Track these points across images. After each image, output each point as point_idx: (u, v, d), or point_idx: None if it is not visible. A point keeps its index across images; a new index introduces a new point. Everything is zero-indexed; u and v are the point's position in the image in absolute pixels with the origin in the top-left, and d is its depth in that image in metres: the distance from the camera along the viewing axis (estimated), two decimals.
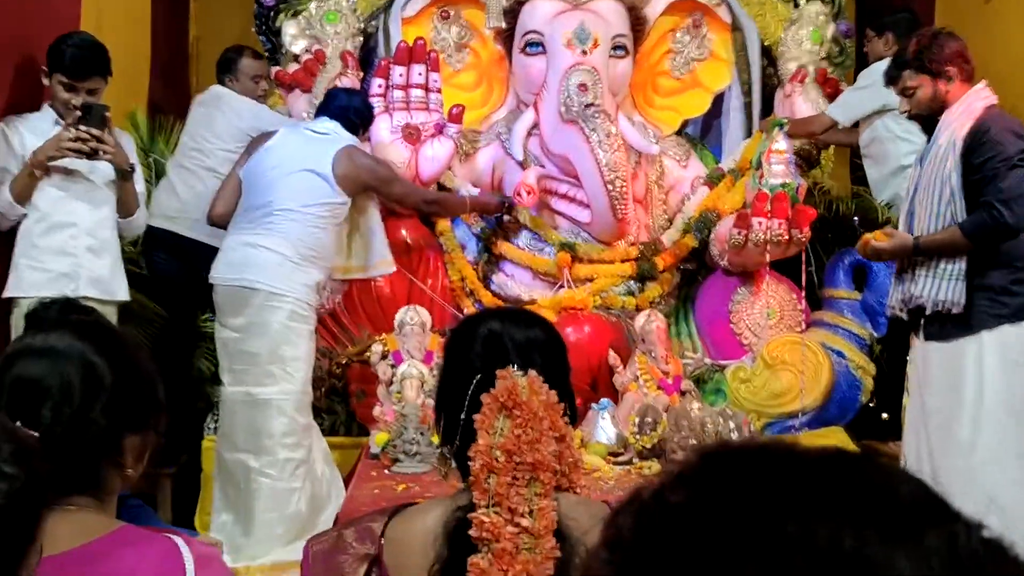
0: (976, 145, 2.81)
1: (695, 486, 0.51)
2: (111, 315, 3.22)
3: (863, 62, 4.76)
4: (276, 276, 3.17)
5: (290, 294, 3.19)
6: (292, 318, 3.20)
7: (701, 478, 0.51)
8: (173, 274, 3.91)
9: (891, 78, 3.05)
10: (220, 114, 3.95)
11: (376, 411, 3.50)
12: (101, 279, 3.23)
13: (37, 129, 3.17)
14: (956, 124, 2.88)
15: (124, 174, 3.22)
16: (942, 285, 2.89)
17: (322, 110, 3.48)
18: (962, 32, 3.19)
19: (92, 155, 3.05)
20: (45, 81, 3.17)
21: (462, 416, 1.30)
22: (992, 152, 2.78)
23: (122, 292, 3.32)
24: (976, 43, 3.02)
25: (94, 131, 3.02)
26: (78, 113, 3.05)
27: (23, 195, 3.11)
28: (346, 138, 3.35)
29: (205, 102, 4.10)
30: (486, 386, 1.28)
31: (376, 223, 3.56)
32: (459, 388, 1.33)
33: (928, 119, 3.01)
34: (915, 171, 3.04)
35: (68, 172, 3.15)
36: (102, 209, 3.24)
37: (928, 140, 3.02)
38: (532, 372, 1.29)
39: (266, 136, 3.46)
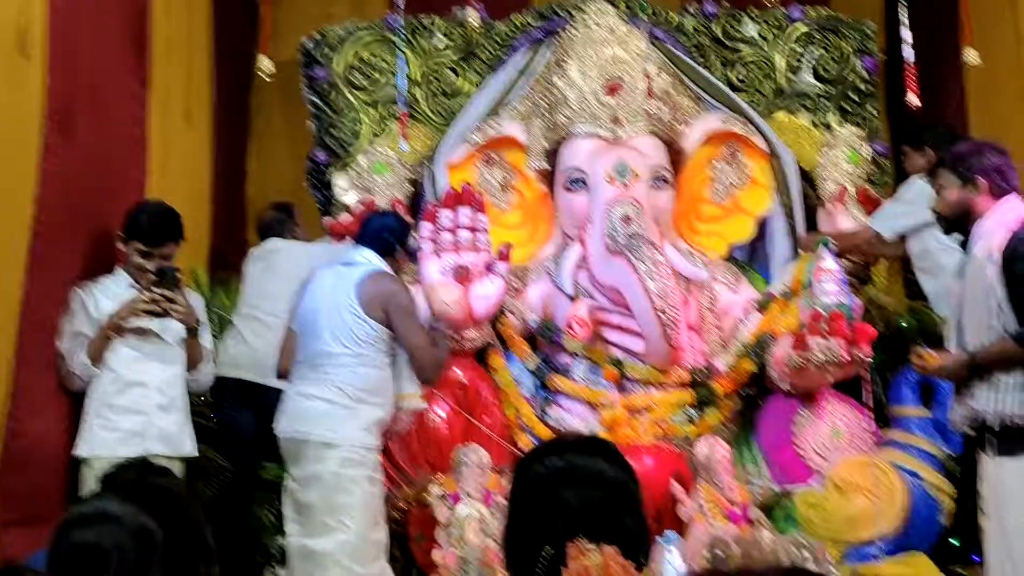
0: (1017, 256, 2.79)
1: None
2: (178, 470, 3.28)
3: (902, 180, 4.80)
4: (326, 425, 3.13)
5: (343, 442, 3.12)
6: (344, 465, 3.11)
7: None
8: (240, 423, 3.95)
9: (932, 174, 3.12)
10: (282, 262, 4.09)
11: (436, 556, 3.42)
12: (170, 436, 3.30)
13: (111, 292, 3.32)
14: (989, 236, 2.88)
15: (192, 331, 3.35)
16: (1005, 398, 2.82)
17: (358, 238, 3.48)
18: (1001, 138, 3.22)
19: (164, 315, 3.19)
20: (121, 246, 3.34)
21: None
22: None
23: (188, 447, 3.38)
24: (1014, 153, 3.06)
25: (167, 293, 3.19)
26: (153, 276, 3.21)
27: (98, 356, 3.23)
28: (376, 264, 3.30)
29: (261, 256, 4.25)
30: (558, 559, 1.22)
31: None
32: (528, 541, 1.29)
33: (953, 224, 3.03)
34: (957, 285, 3.02)
35: (141, 332, 3.29)
36: (173, 366, 3.35)
37: (963, 252, 3.02)
38: (607, 549, 1.22)
39: (308, 281, 3.44)
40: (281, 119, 5.44)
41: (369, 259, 3.30)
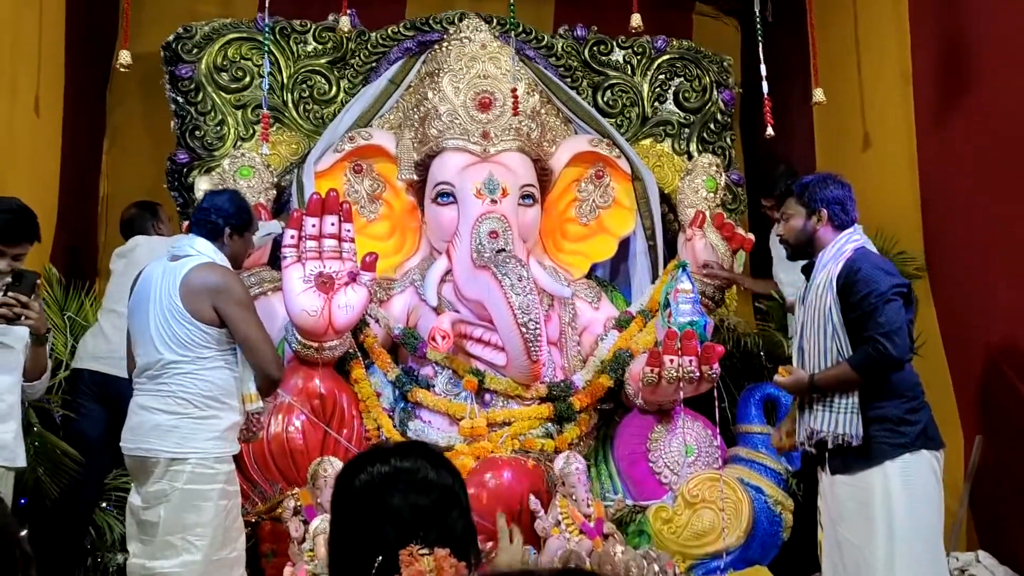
0: (850, 284, 2.97)
1: None
2: (9, 481, 3.07)
3: (755, 207, 5.06)
4: (172, 440, 2.93)
5: (191, 455, 2.92)
6: (192, 480, 2.92)
7: None
8: (87, 422, 3.79)
9: (779, 200, 3.27)
10: (143, 256, 3.93)
11: (287, 572, 3.33)
12: (6, 446, 3.06)
13: None
14: (831, 264, 3.06)
15: (40, 339, 3.15)
16: (839, 419, 2.97)
17: (190, 223, 3.20)
18: (843, 172, 3.43)
19: (13, 320, 2.98)
20: None
21: None
22: (867, 289, 2.95)
23: (22, 459, 3.17)
24: (856, 185, 3.25)
25: (22, 298, 2.97)
26: (8, 279, 3.00)
27: None
28: (204, 255, 3.02)
29: (123, 253, 4.13)
30: (389, 567, 1.20)
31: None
32: (357, 550, 1.26)
33: (795, 250, 3.20)
34: (799, 310, 3.18)
35: None
36: (12, 374, 3.12)
37: (807, 279, 3.19)
38: (439, 551, 1.21)
39: (136, 278, 3.18)
40: (141, 115, 5.21)
41: (200, 249, 3.03)
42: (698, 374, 3.77)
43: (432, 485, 1.33)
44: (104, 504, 3.90)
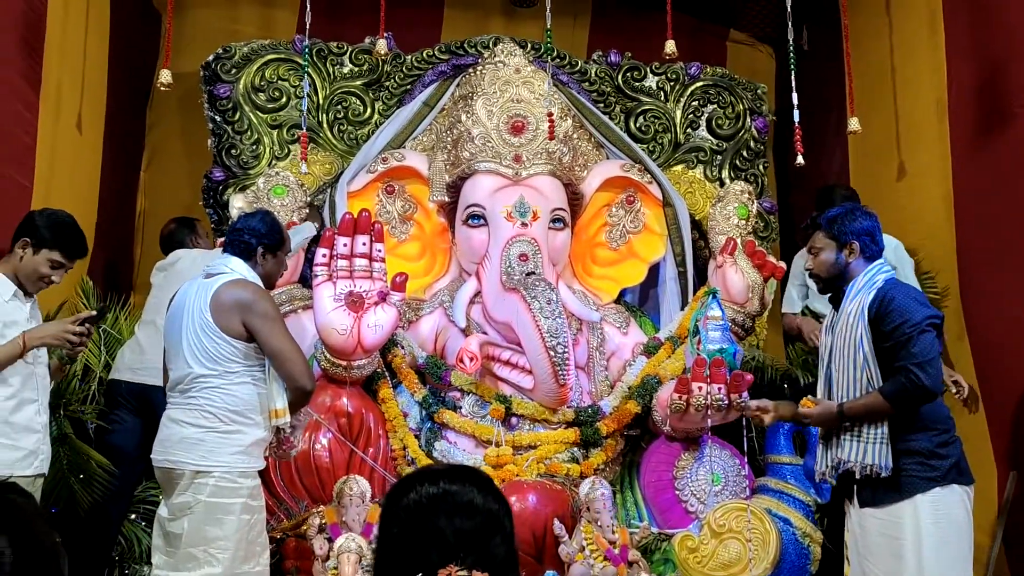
0: (884, 313, 2.93)
1: None
2: (39, 489, 3.14)
3: (787, 235, 5.02)
4: (198, 453, 2.94)
5: (215, 469, 2.93)
6: (216, 494, 2.92)
7: None
8: (121, 435, 3.83)
9: (806, 234, 3.23)
10: (183, 269, 4.00)
11: None
12: (49, 455, 3.19)
13: None
14: (862, 294, 3.03)
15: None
16: (868, 449, 2.93)
17: (224, 243, 3.25)
18: (878, 206, 3.40)
19: (74, 347, 3.08)
20: (20, 251, 3.14)
21: None
22: (901, 319, 2.91)
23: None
24: (891, 215, 3.22)
25: (92, 329, 3.09)
26: (93, 313, 3.13)
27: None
28: (236, 272, 3.05)
29: (163, 267, 4.18)
30: None
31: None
32: (400, 569, 1.28)
33: (827, 283, 3.16)
34: (826, 339, 3.14)
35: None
36: (48, 388, 3.22)
37: (834, 308, 3.15)
38: (477, 574, 1.23)
39: (174, 295, 3.23)
40: (179, 133, 5.30)
41: (233, 267, 3.07)
42: (727, 402, 3.73)
43: (477, 509, 1.35)
44: (132, 516, 3.94)
